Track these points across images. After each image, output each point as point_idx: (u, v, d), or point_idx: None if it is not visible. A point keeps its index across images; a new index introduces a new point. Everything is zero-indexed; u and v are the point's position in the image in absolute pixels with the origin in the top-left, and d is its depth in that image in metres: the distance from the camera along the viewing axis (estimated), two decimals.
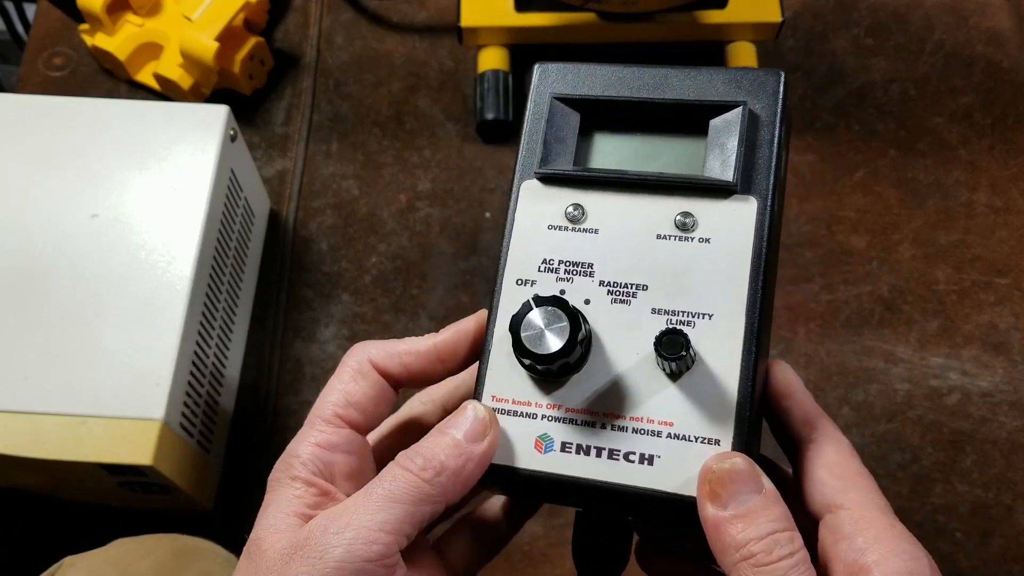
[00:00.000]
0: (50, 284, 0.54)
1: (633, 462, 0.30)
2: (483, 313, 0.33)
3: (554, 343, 0.29)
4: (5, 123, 0.60)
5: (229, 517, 0.62)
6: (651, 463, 0.29)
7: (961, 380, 0.66)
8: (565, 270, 0.32)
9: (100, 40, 0.75)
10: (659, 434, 0.30)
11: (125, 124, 0.60)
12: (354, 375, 0.32)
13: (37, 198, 0.57)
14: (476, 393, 0.32)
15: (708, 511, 0.28)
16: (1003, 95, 0.77)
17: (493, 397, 0.32)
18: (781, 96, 0.32)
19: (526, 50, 0.76)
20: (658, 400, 0.30)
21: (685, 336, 0.29)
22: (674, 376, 0.30)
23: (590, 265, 0.32)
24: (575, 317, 0.29)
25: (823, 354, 0.67)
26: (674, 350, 0.29)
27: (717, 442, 0.29)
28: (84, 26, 0.76)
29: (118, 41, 0.75)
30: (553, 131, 0.34)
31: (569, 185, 0.33)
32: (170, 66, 0.73)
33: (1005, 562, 0.61)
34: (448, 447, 0.29)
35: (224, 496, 0.62)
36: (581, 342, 0.30)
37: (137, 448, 0.50)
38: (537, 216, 0.33)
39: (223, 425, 0.63)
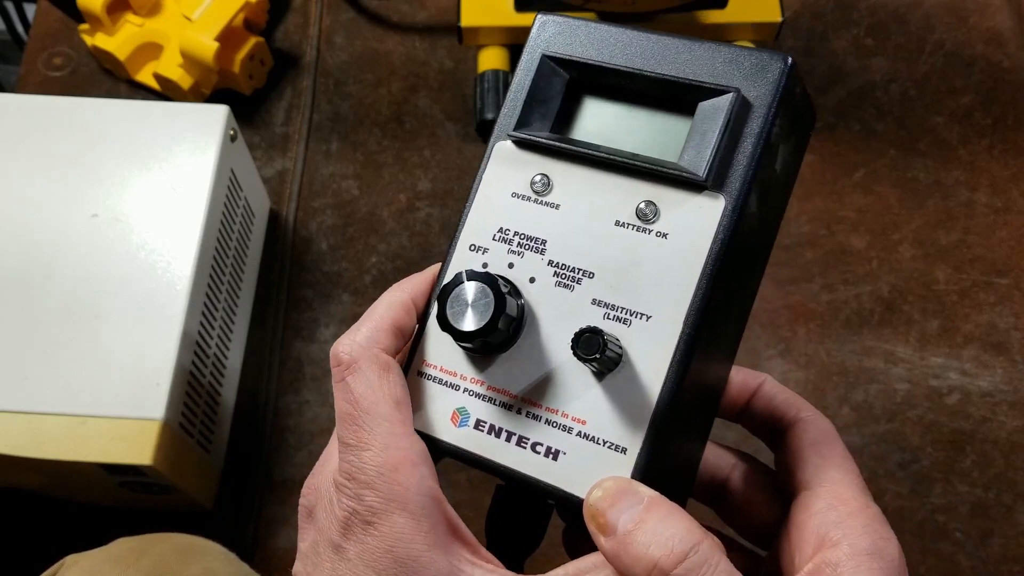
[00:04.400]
0: (50, 284, 0.54)
1: (539, 454, 0.29)
2: (437, 267, 0.32)
3: (473, 322, 0.28)
4: (5, 123, 0.60)
5: (229, 517, 0.62)
6: (555, 458, 0.29)
7: (961, 380, 0.66)
8: (519, 243, 0.31)
9: (100, 40, 0.75)
10: (570, 431, 0.29)
11: (125, 124, 0.60)
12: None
13: (37, 198, 0.57)
14: (409, 355, 0.31)
15: (604, 545, 0.27)
16: (1003, 95, 0.77)
17: (423, 361, 0.31)
18: (780, 84, 0.29)
19: None
20: (577, 396, 0.29)
21: (603, 336, 0.27)
22: (599, 374, 0.29)
23: (543, 242, 0.30)
24: (501, 298, 0.28)
25: (823, 354, 0.67)
26: (590, 350, 0.27)
27: (624, 450, 0.28)
28: (84, 26, 0.76)
29: (118, 41, 0.75)
30: (537, 91, 0.32)
31: (540, 152, 0.31)
32: (170, 66, 0.73)
33: (1005, 562, 0.61)
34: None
35: (224, 496, 0.62)
36: (507, 324, 0.29)
37: (137, 448, 0.50)
38: (504, 181, 0.32)
39: (223, 425, 0.63)
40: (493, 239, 0.31)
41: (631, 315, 0.29)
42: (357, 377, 0.29)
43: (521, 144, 0.32)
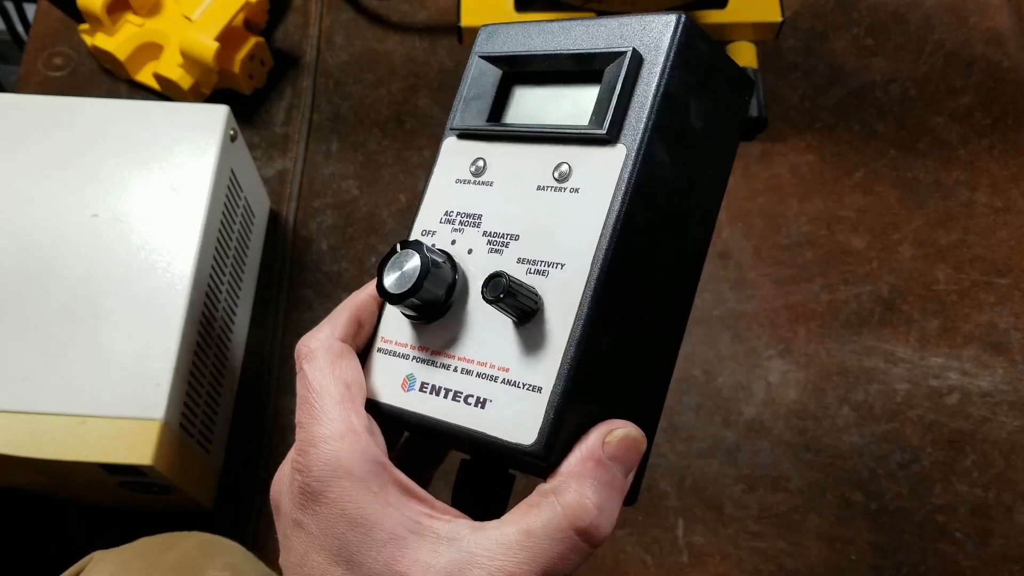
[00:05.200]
0: (50, 284, 0.54)
1: (470, 404, 0.31)
2: None
3: (402, 284, 0.31)
4: (5, 123, 0.60)
5: (229, 517, 0.62)
6: (483, 406, 0.30)
7: (961, 380, 0.66)
8: (460, 221, 0.34)
9: (100, 40, 0.75)
10: (496, 379, 0.30)
11: (125, 124, 0.60)
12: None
13: (37, 198, 0.57)
14: (374, 336, 0.34)
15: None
16: (1003, 95, 0.77)
17: (382, 338, 0.34)
18: (671, 37, 0.31)
19: None
20: (500, 346, 0.31)
21: (507, 277, 0.29)
22: (517, 323, 0.31)
23: (479, 216, 0.33)
24: (426, 261, 0.31)
25: (823, 354, 0.67)
26: (495, 290, 0.29)
27: (540, 389, 0.29)
28: (84, 26, 0.76)
29: (118, 41, 0.75)
30: (474, 89, 0.35)
31: (477, 139, 0.35)
32: (170, 66, 0.73)
33: (1005, 562, 0.61)
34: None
35: (224, 496, 0.62)
36: (436, 285, 0.31)
37: (137, 448, 0.50)
38: (450, 171, 0.35)
39: (223, 425, 0.63)
40: (440, 222, 0.34)
41: (548, 266, 0.31)
42: (312, 365, 0.31)
43: (461, 136, 0.35)
